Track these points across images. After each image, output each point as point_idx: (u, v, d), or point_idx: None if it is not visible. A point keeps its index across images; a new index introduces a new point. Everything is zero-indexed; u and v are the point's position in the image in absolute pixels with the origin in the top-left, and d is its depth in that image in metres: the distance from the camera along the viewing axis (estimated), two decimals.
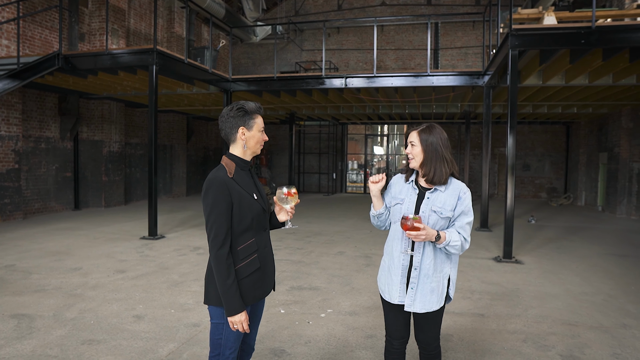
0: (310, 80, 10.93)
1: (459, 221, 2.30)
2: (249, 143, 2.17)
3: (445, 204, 2.28)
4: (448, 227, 2.31)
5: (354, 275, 5.86)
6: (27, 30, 10.46)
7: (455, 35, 18.15)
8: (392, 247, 2.38)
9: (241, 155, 2.18)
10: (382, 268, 2.46)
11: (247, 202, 2.11)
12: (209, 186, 2.06)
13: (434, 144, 2.30)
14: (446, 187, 2.31)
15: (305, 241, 8.28)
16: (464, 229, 2.29)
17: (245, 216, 2.09)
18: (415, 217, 2.15)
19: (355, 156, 27.20)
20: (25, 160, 10.85)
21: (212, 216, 2.03)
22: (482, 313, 4.45)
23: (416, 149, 2.31)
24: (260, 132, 2.19)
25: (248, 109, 2.15)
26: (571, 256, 7.27)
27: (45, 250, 7.09)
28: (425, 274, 2.29)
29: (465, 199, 2.31)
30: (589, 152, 15.80)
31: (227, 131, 2.17)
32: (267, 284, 2.22)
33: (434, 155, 2.29)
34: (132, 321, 4.12)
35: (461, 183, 2.35)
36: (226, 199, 2.04)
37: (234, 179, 2.10)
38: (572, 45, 6.62)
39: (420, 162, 2.31)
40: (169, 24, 15.70)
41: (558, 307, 4.67)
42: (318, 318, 4.25)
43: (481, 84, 9.89)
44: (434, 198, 2.29)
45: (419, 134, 2.33)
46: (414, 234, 2.14)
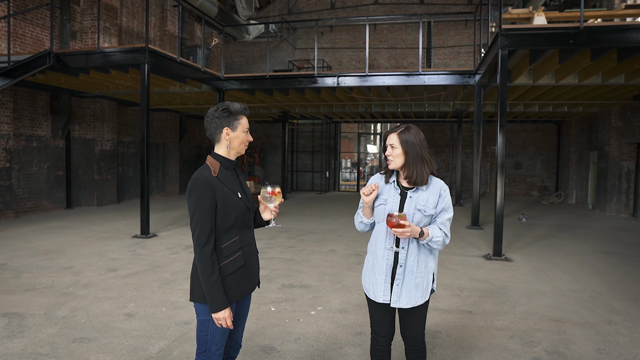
0: (302, 79, 10.96)
1: (440, 217, 2.38)
2: (233, 143, 2.21)
3: (428, 202, 2.35)
4: (430, 223, 2.37)
5: (344, 273, 5.91)
6: (18, 29, 10.41)
7: (448, 34, 18.24)
8: (376, 246, 2.42)
9: (225, 155, 2.22)
10: (366, 267, 2.51)
11: (231, 200, 2.14)
12: (193, 185, 2.10)
13: (414, 146, 2.36)
14: (427, 186, 2.37)
15: (297, 239, 8.32)
16: (444, 224, 2.37)
17: (229, 214, 2.13)
18: (400, 215, 2.21)
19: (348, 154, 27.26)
20: (17, 158, 10.81)
21: (196, 214, 2.07)
22: (471, 310, 4.51)
23: (396, 151, 2.36)
24: (245, 132, 2.23)
25: (233, 109, 2.18)
26: (560, 254, 7.35)
27: (36, 249, 7.08)
28: (410, 270, 2.34)
29: (445, 196, 2.38)
30: (579, 150, 15.94)
31: (211, 131, 2.21)
32: (252, 280, 2.27)
33: (415, 157, 2.35)
34: (123, 319, 4.14)
35: (440, 181, 2.42)
36: (210, 198, 2.08)
37: (218, 178, 2.14)
38: (560, 45, 6.69)
39: (402, 164, 2.37)
40: (161, 22, 15.66)
41: (545, 304, 4.74)
42: (308, 315, 4.30)
43: (472, 83, 9.96)
44: (417, 197, 2.36)
45: (398, 136, 2.38)
46: (399, 230, 2.20)
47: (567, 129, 17.17)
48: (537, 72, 8.94)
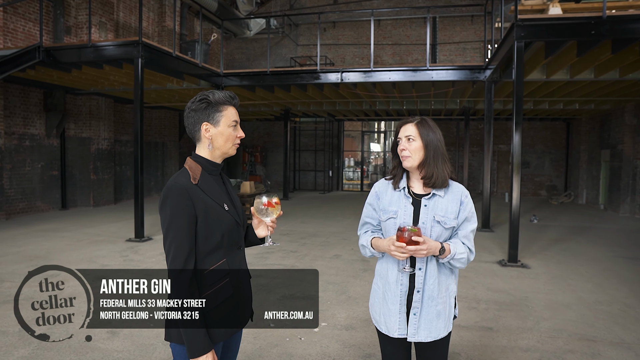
0: (304, 74, 10.53)
1: (462, 229, 1.96)
2: (216, 142, 1.78)
3: (448, 212, 1.92)
4: (451, 237, 1.95)
5: (350, 282, 5.48)
6: (9, 23, 10.00)
7: (454, 30, 17.75)
8: (387, 268, 1.99)
9: (208, 157, 1.79)
10: (375, 294, 2.07)
11: (216, 214, 1.72)
12: (167, 195, 1.67)
13: (434, 141, 1.95)
14: (445, 192, 1.95)
15: (299, 243, 7.90)
16: (468, 238, 1.95)
17: (213, 231, 1.71)
18: (413, 229, 1.78)
19: (351, 153, 26.80)
20: (8, 158, 10.41)
21: (171, 232, 1.65)
22: (491, 326, 4.08)
23: (415, 144, 1.94)
24: (231, 127, 1.78)
25: (213, 99, 1.76)
26: (579, 259, 6.91)
27: (22, 255, 6.68)
28: (429, 296, 1.92)
29: (467, 204, 1.97)
30: (590, 149, 15.46)
31: (190, 128, 1.79)
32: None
33: (436, 152, 1.94)
34: (105, 338, 3.73)
35: (460, 185, 2.01)
36: (188, 211, 1.66)
37: (199, 186, 1.71)
38: (580, 37, 6.26)
39: (420, 161, 1.94)
40: (160, 17, 15.24)
41: (572, 318, 4.31)
42: (311, 333, 3.88)
43: (482, 78, 9.51)
44: (433, 205, 1.93)
45: (417, 127, 1.96)
46: (412, 248, 1.78)
47: (577, 126, 16.67)
48: (552, 66, 8.49)
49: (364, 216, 2.12)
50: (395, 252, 1.82)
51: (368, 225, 2.10)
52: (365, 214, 2.11)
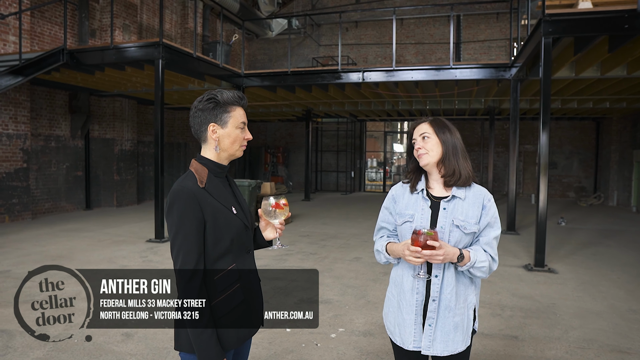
0: (326, 74, 10.42)
1: (484, 236, 1.81)
2: (223, 143, 1.70)
3: (468, 216, 1.78)
4: (472, 243, 1.81)
5: (370, 286, 5.35)
6: (36, 27, 10.20)
7: (478, 28, 17.40)
8: (402, 275, 1.87)
9: (215, 159, 1.72)
10: (389, 302, 1.94)
11: (225, 218, 1.64)
12: (174, 199, 1.60)
13: (451, 136, 1.83)
14: (466, 194, 1.81)
15: (319, 245, 7.80)
16: (490, 245, 1.80)
17: (222, 236, 1.63)
18: (429, 232, 1.65)
19: (374, 154, 26.58)
20: (35, 159, 10.61)
21: (179, 238, 1.57)
22: (516, 335, 3.89)
23: (431, 141, 1.82)
24: (239, 128, 1.71)
25: (221, 99, 1.67)
26: (610, 264, 6.62)
27: (45, 254, 6.76)
28: (446, 306, 1.78)
29: (490, 207, 1.82)
30: (621, 149, 14.91)
31: (196, 128, 1.72)
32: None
33: (455, 148, 1.82)
34: (119, 340, 3.69)
35: (482, 188, 1.87)
36: (196, 216, 1.58)
37: (207, 189, 1.64)
38: (613, 31, 5.98)
39: (439, 157, 1.81)
40: (182, 19, 15.36)
41: (603, 328, 4.09)
42: (328, 339, 3.76)
43: (508, 77, 9.24)
44: (453, 208, 1.80)
45: (431, 125, 1.84)
46: (427, 253, 1.66)
47: (607, 126, 16.12)
48: (581, 63, 8.18)
49: (380, 221, 2.00)
50: (409, 256, 1.70)
51: (384, 231, 1.99)
52: (381, 219, 2.00)
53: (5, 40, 9.30)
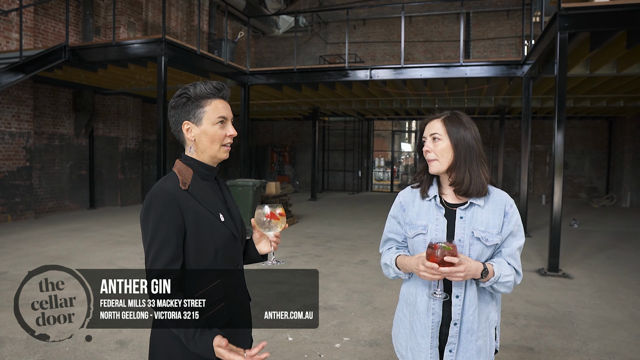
0: (332, 72, 10.21)
1: (507, 246, 1.60)
2: (200, 143, 1.48)
3: (489, 225, 1.57)
4: (493, 255, 1.60)
5: (376, 291, 5.14)
6: (39, 24, 10.08)
7: (488, 26, 17.10)
8: (416, 294, 1.65)
9: (200, 159, 1.50)
10: (400, 323, 1.73)
11: (209, 225, 1.44)
12: (150, 203, 1.40)
13: (466, 139, 1.57)
14: (485, 201, 1.59)
15: (324, 247, 7.59)
16: (514, 257, 1.59)
17: (205, 247, 1.43)
18: (446, 246, 1.44)
19: (381, 153, 26.33)
20: (38, 157, 10.49)
21: (154, 247, 1.38)
22: (531, 346, 3.67)
23: (441, 144, 1.58)
24: (217, 124, 1.48)
25: (193, 93, 1.46)
26: (627, 269, 6.36)
27: (44, 255, 6.61)
28: (468, 329, 1.57)
29: (513, 214, 1.60)
30: (635, 149, 14.56)
31: (173, 128, 1.51)
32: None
33: (469, 154, 1.57)
34: (113, 349, 3.52)
35: (503, 192, 1.64)
36: (175, 221, 1.39)
37: (190, 192, 1.43)
38: (632, 26, 5.71)
39: (450, 164, 1.58)
40: (188, 17, 15.20)
41: (625, 339, 3.85)
42: (332, 349, 3.56)
43: (520, 74, 8.97)
44: (471, 217, 1.58)
45: (444, 123, 1.59)
46: (446, 270, 1.44)
47: (620, 125, 15.77)
48: (596, 60, 7.90)
49: (387, 231, 1.78)
50: (424, 272, 1.49)
51: (392, 242, 1.77)
52: (388, 229, 1.77)
53: (8, 37, 9.19)
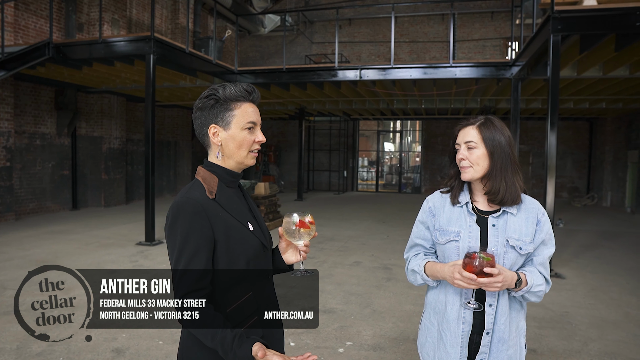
0: (322, 72, 10.16)
1: (538, 255, 1.58)
2: (227, 148, 1.40)
3: (522, 234, 1.54)
4: (524, 264, 1.57)
5: (374, 293, 5.11)
6: (20, 19, 9.78)
7: (473, 27, 17.26)
8: (446, 302, 1.61)
9: (224, 165, 1.42)
10: (428, 332, 1.69)
11: (240, 235, 1.36)
12: (177, 214, 1.31)
13: (502, 146, 1.54)
14: (518, 208, 1.56)
15: (317, 248, 7.54)
16: (544, 265, 1.59)
17: (237, 258, 1.35)
18: (486, 257, 1.40)
19: (366, 153, 26.40)
20: (19, 157, 10.20)
21: (182, 260, 1.29)
22: (534, 348, 3.68)
23: (477, 152, 1.55)
24: (247, 130, 1.39)
25: (222, 94, 1.37)
26: (616, 268, 6.45)
27: (29, 259, 6.41)
28: (499, 339, 1.54)
29: (545, 223, 1.59)
30: (615, 149, 14.86)
31: (197, 131, 1.42)
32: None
33: (505, 162, 1.54)
34: (110, 357, 3.40)
35: (534, 200, 1.62)
36: (206, 233, 1.31)
37: (218, 201, 1.35)
38: (622, 29, 5.80)
39: (485, 172, 1.55)
40: (173, 14, 14.98)
41: (623, 339, 3.89)
42: (335, 354, 3.51)
43: (509, 75, 9.04)
44: (504, 225, 1.55)
45: (480, 130, 1.56)
46: (485, 281, 1.40)
47: (601, 126, 16.08)
48: (584, 62, 8.00)
49: (414, 236, 1.74)
50: (460, 281, 1.45)
51: (419, 248, 1.73)
52: (416, 234, 1.73)
53: None
